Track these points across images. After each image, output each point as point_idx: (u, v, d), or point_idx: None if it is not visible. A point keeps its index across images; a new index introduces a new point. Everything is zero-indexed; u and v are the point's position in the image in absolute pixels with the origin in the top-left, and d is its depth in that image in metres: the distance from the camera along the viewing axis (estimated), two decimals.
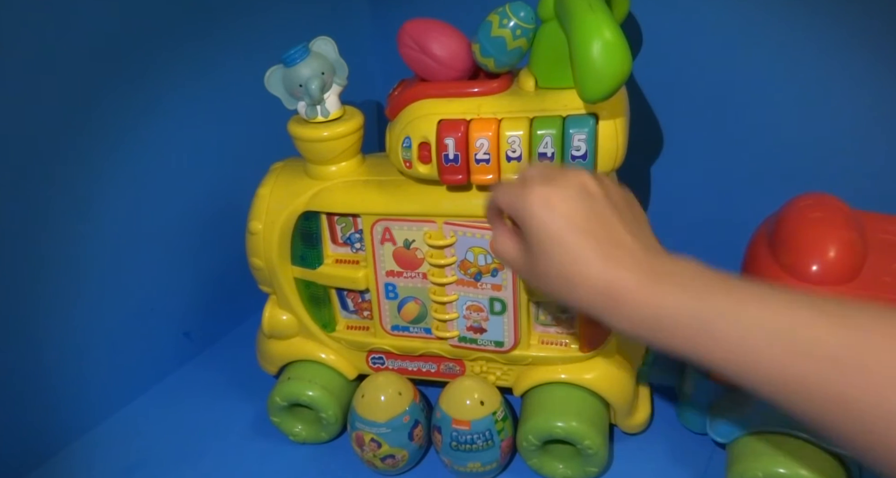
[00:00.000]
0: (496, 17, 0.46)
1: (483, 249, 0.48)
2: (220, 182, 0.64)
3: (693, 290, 0.31)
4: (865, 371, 0.27)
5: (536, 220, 0.35)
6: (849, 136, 0.55)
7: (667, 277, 0.32)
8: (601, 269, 0.33)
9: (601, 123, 0.45)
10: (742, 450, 0.48)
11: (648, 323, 0.32)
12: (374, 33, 0.75)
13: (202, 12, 0.58)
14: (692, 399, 0.52)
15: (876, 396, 0.27)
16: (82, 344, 0.58)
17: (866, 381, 0.27)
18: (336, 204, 0.51)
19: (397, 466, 0.52)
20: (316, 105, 0.49)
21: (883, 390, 0.27)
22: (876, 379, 0.27)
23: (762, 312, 0.29)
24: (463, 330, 0.52)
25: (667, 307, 0.31)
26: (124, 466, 0.57)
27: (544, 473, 0.52)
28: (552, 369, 0.52)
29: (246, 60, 0.61)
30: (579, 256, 0.33)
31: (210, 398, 0.63)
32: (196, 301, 0.67)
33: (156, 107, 0.57)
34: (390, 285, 0.52)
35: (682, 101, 0.61)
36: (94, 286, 0.57)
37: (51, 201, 0.52)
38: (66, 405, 0.58)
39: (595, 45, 0.39)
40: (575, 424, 0.49)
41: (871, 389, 0.27)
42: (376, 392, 0.51)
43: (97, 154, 0.54)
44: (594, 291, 0.33)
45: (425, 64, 0.50)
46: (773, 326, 0.29)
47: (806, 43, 0.54)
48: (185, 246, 0.64)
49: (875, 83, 0.52)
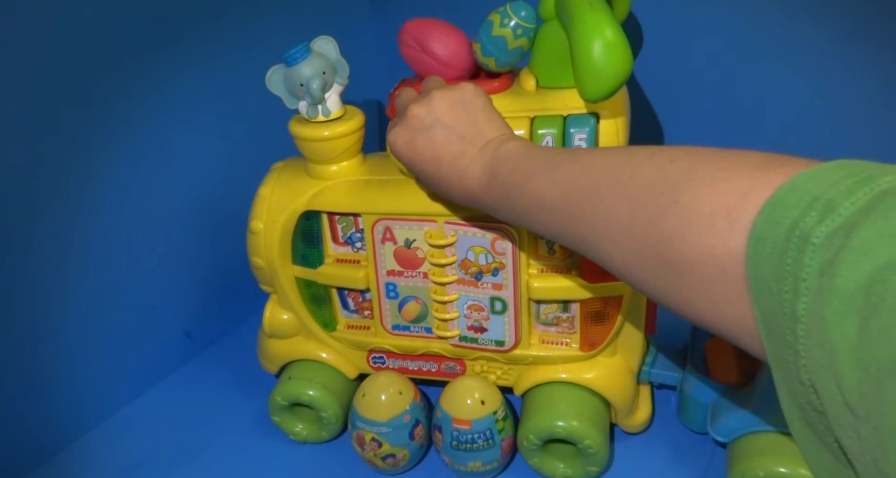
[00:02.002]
0: (497, 17, 0.46)
1: (484, 248, 0.48)
2: (221, 181, 0.64)
3: (506, 185, 0.39)
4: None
5: (401, 160, 0.45)
6: (850, 136, 0.55)
7: (495, 176, 0.40)
8: (456, 183, 0.42)
9: (602, 123, 0.45)
10: (743, 449, 0.48)
11: (488, 207, 0.42)
12: (376, 33, 0.75)
13: (203, 12, 0.58)
14: (692, 398, 0.52)
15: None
16: (83, 343, 0.58)
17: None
18: (337, 203, 0.51)
19: (398, 465, 0.52)
20: (317, 104, 0.49)
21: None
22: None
23: (543, 178, 0.37)
24: (464, 329, 0.52)
25: (496, 198, 0.40)
26: (124, 466, 0.57)
27: (545, 472, 0.52)
28: (553, 369, 0.52)
29: (247, 60, 0.61)
30: (438, 178, 0.43)
31: (211, 398, 0.63)
32: (197, 301, 0.67)
33: (157, 106, 0.57)
34: (391, 285, 0.52)
35: (683, 100, 0.61)
36: (94, 286, 0.57)
37: (51, 201, 0.52)
38: (66, 405, 0.58)
39: (596, 45, 0.39)
40: (575, 423, 0.49)
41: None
42: (377, 392, 0.51)
43: (97, 153, 0.54)
44: (463, 199, 0.43)
45: (426, 63, 0.50)
46: (546, 189, 0.37)
47: (806, 42, 0.54)
48: (186, 245, 0.64)
49: (878, 82, 0.52)
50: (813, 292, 0.23)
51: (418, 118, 0.43)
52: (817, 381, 0.23)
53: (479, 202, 0.42)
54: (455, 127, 0.42)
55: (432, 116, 0.42)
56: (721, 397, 0.51)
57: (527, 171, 0.38)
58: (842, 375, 0.21)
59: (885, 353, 0.20)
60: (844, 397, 0.21)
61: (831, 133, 0.55)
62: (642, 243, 0.31)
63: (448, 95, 0.43)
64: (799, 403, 0.24)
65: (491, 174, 0.40)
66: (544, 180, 0.36)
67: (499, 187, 0.39)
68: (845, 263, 0.22)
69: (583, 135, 0.45)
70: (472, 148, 0.41)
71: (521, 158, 0.39)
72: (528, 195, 0.37)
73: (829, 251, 0.23)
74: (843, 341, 0.21)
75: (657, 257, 0.30)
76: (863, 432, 0.21)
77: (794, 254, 0.24)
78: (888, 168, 0.24)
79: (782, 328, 0.24)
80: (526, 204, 0.38)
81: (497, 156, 0.40)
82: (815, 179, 0.25)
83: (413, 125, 0.43)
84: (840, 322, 0.22)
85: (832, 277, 0.22)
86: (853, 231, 0.22)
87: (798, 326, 0.23)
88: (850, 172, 0.24)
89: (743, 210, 0.26)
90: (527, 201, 0.38)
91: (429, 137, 0.42)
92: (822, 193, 0.24)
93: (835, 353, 0.22)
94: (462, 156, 0.41)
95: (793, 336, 0.24)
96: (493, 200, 0.40)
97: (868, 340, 0.21)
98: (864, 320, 0.21)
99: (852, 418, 0.21)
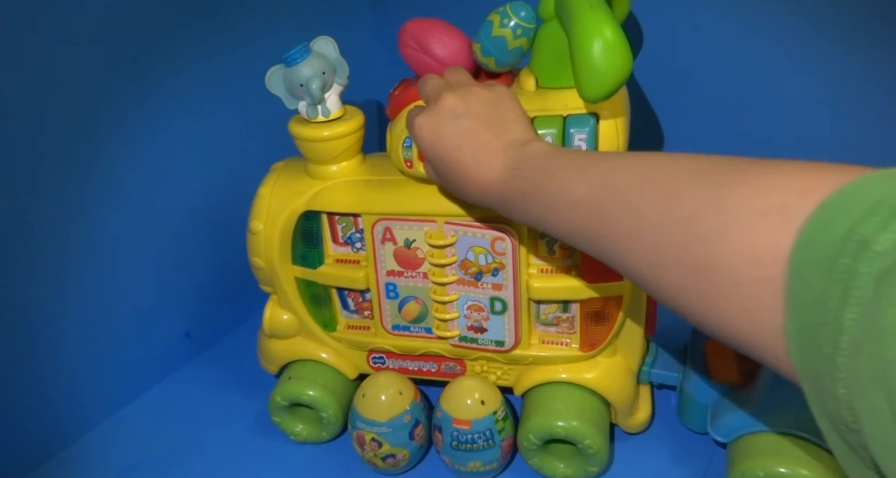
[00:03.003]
0: (497, 17, 0.46)
1: (484, 248, 0.48)
2: (220, 182, 0.64)
3: (528, 180, 0.39)
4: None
5: (423, 146, 0.44)
6: (851, 135, 0.55)
7: (517, 171, 0.39)
8: (475, 175, 0.41)
9: (602, 123, 0.45)
10: (743, 449, 0.48)
11: (502, 203, 0.41)
12: (375, 33, 0.75)
13: (203, 12, 0.58)
14: (693, 399, 0.52)
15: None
16: (83, 344, 0.58)
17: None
18: (337, 204, 0.51)
19: (398, 465, 0.52)
20: (317, 105, 0.49)
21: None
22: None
23: (558, 184, 0.37)
24: (464, 330, 0.52)
25: (514, 193, 0.40)
26: (124, 466, 0.57)
27: (545, 472, 0.52)
28: (553, 369, 0.52)
29: (247, 60, 0.61)
30: (457, 168, 0.42)
31: (211, 398, 0.63)
32: (197, 301, 0.67)
33: (156, 106, 0.57)
34: (391, 285, 0.52)
35: (683, 100, 0.61)
36: (94, 286, 0.57)
37: (50, 200, 0.52)
38: (66, 405, 0.58)
39: (596, 45, 0.39)
40: (575, 423, 0.49)
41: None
42: (377, 392, 0.51)
43: (96, 154, 0.54)
44: (477, 193, 0.42)
45: (426, 63, 0.50)
46: (564, 189, 0.37)
47: (807, 42, 0.54)
48: (186, 246, 0.64)
49: (880, 82, 0.52)
50: (866, 302, 0.21)
51: (450, 107, 0.42)
52: (858, 396, 0.22)
53: (493, 197, 0.41)
54: (485, 120, 0.42)
55: (465, 106, 0.42)
56: (721, 397, 0.51)
57: (551, 169, 0.37)
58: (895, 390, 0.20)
59: None
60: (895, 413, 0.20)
61: (832, 132, 0.55)
62: (674, 242, 0.29)
63: (483, 93, 0.43)
64: (830, 417, 0.23)
65: (514, 169, 0.39)
66: (571, 177, 0.36)
67: (519, 182, 0.39)
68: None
69: (583, 135, 0.45)
70: (498, 143, 0.41)
71: (547, 158, 0.38)
72: (550, 192, 0.37)
73: (891, 259, 0.21)
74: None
75: (688, 257, 0.29)
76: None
77: (849, 261, 0.22)
78: None
79: (820, 339, 0.23)
80: (546, 202, 0.37)
81: (522, 153, 0.40)
82: (882, 182, 0.23)
83: (443, 113, 0.42)
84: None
85: (892, 286, 0.21)
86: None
87: (841, 337, 0.22)
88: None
89: (801, 209, 0.24)
90: (547, 199, 0.37)
91: (457, 126, 0.42)
92: (887, 199, 0.22)
93: (891, 365, 0.20)
94: (487, 148, 0.41)
95: (832, 348, 0.22)
96: (510, 196, 0.40)
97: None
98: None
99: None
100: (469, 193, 0.43)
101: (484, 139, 0.41)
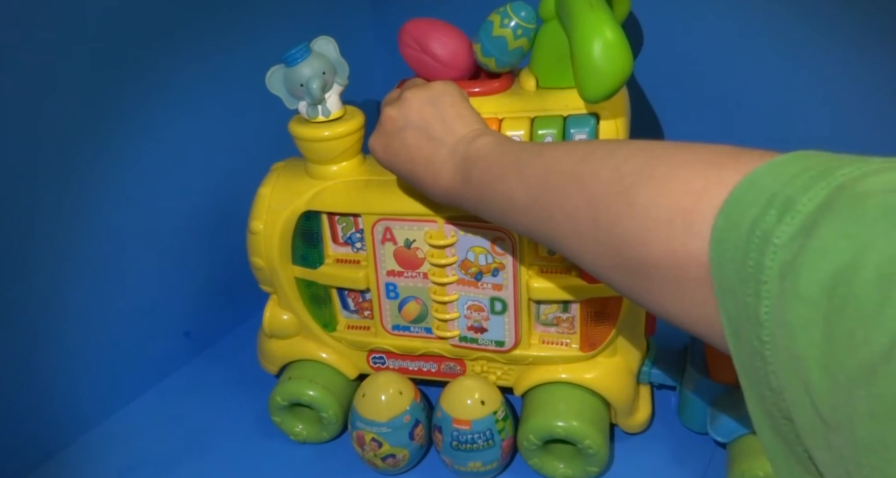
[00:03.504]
0: (497, 17, 0.46)
1: (484, 248, 0.48)
2: (221, 182, 0.64)
3: (478, 186, 0.40)
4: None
5: (382, 165, 0.46)
6: (851, 135, 0.55)
7: (468, 175, 0.40)
8: (432, 184, 0.42)
9: (602, 123, 0.45)
10: (743, 449, 0.48)
11: (466, 206, 0.42)
12: (376, 33, 0.75)
13: (203, 12, 0.58)
14: (692, 399, 0.52)
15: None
16: (82, 344, 0.58)
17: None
18: (337, 204, 0.51)
19: (398, 465, 0.52)
20: (317, 105, 0.49)
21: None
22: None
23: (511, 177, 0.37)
24: (464, 330, 0.52)
25: (471, 198, 0.41)
26: (124, 466, 0.57)
27: (545, 472, 0.52)
28: (553, 369, 0.52)
29: (247, 60, 0.61)
30: (416, 180, 0.43)
31: (211, 398, 0.63)
32: (197, 301, 0.67)
33: (156, 106, 0.57)
34: (391, 285, 0.52)
35: (683, 100, 0.61)
36: (94, 286, 0.57)
37: (50, 200, 0.52)
38: (66, 405, 0.58)
39: (596, 45, 0.39)
40: (575, 423, 0.49)
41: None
42: (377, 392, 0.51)
43: (97, 154, 0.54)
44: (443, 199, 0.43)
45: (426, 63, 0.50)
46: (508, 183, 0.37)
47: (808, 42, 0.54)
48: (186, 246, 0.64)
49: (880, 82, 0.52)
50: (774, 296, 0.22)
51: (391, 121, 0.43)
52: (785, 388, 0.22)
53: (457, 201, 0.42)
54: (425, 127, 0.42)
55: (403, 118, 0.42)
56: (721, 398, 0.51)
57: (498, 170, 0.38)
58: (811, 384, 0.20)
59: (853, 360, 0.19)
60: (815, 406, 0.20)
61: (832, 132, 0.55)
62: (606, 246, 0.30)
63: (418, 95, 0.43)
64: (768, 410, 0.23)
65: (464, 175, 0.40)
66: (513, 180, 0.36)
67: (473, 189, 0.39)
68: (806, 264, 0.21)
69: (583, 135, 0.45)
70: (444, 148, 0.41)
71: (493, 157, 0.38)
72: (500, 195, 0.37)
73: (790, 252, 0.21)
74: (809, 348, 0.20)
75: (623, 260, 0.30)
76: (835, 443, 0.20)
77: (756, 255, 0.23)
78: (843, 160, 0.23)
79: (748, 333, 0.23)
80: (500, 204, 0.38)
81: (468, 155, 0.40)
82: (772, 174, 0.24)
83: (387, 128, 0.43)
84: (805, 328, 0.20)
85: (794, 280, 0.21)
86: (813, 230, 0.21)
87: (762, 331, 0.22)
88: (805, 166, 0.23)
89: (698, 212, 0.26)
90: (501, 202, 0.37)
91: (402, 140, 0.43)
92: (780, 190, 0.23)
93: (802, 360, 0.20)
94: (434, 157, 0.41)
95: (758, 341, 0.23)
96: (469, 200, 0.40)
97: (834, 346, 0.19)
98: (828, 326, 0.20)
99: (824, 428, 0.20)
100: (437, 200, 0.44)
101: (429, 149, 0.42)
